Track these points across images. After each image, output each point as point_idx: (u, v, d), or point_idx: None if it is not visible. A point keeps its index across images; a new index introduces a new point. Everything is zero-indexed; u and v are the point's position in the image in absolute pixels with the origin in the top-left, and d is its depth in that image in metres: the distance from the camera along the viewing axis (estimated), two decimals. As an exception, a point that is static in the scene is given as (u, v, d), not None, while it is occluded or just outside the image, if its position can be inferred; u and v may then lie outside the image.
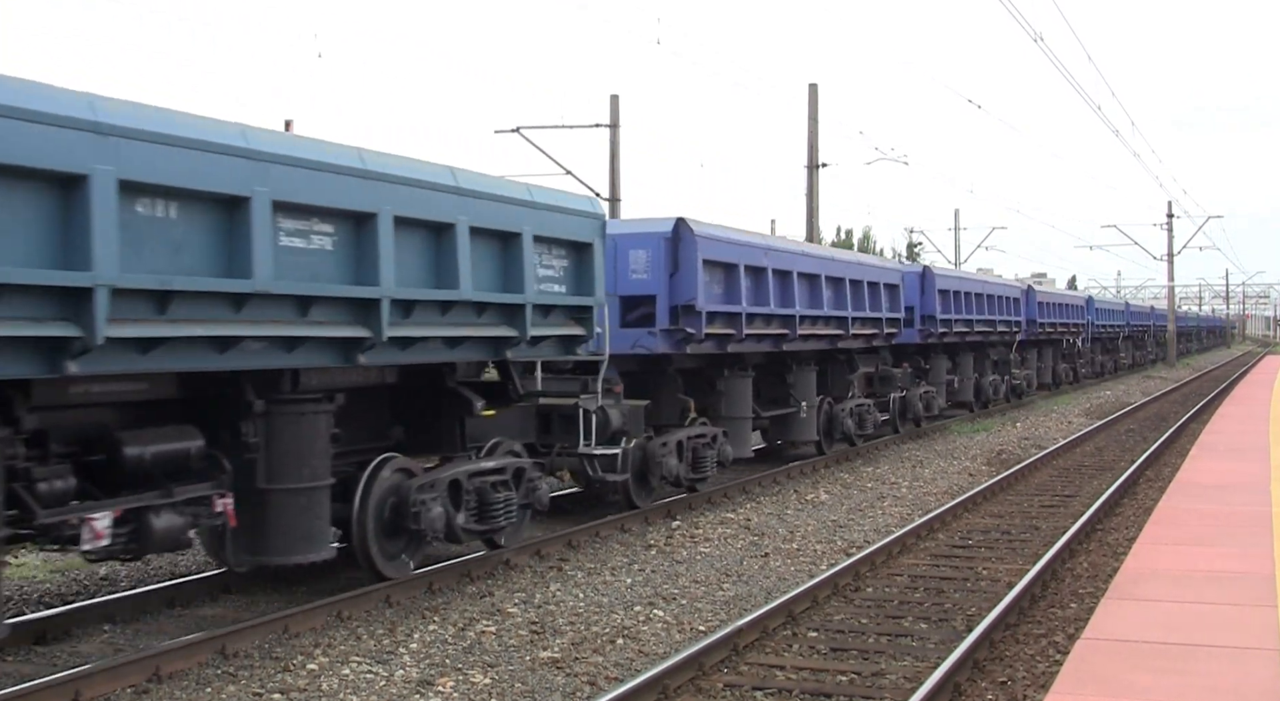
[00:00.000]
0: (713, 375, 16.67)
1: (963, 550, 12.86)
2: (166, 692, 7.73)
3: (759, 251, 16.46)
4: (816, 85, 31.66)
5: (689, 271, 14.53)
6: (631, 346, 14.38)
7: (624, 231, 14.79)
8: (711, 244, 15.03)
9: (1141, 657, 7.41)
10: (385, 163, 9.52)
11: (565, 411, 13.15)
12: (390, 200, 9.33)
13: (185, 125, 7.83)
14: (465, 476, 10.90)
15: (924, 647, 8.94)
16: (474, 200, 10.36)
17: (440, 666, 8.37)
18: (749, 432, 17.22)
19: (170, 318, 7.68)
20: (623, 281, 14.56)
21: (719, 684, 8.03)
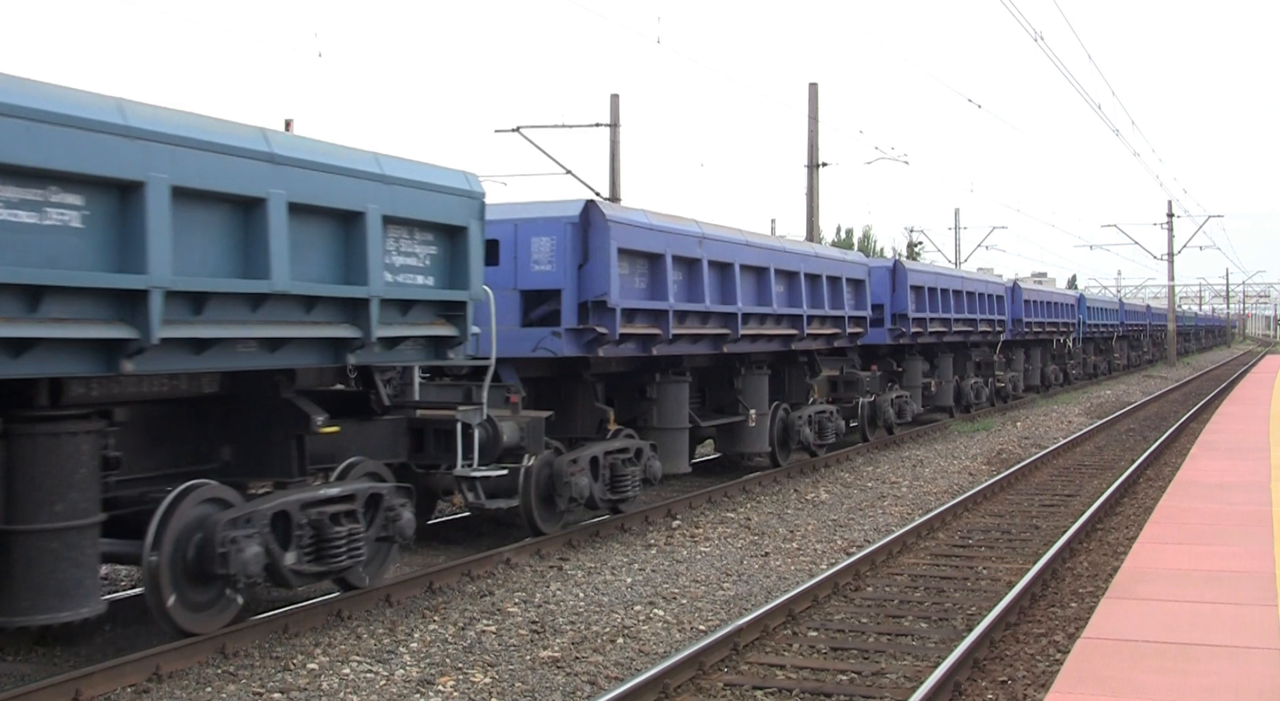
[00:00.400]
0: (643, 381, 15.02)
1: (963, 549, 12.86)
2: (167, 692, 7.73)
3: (690, 240, 14.65)
4: (816, 84, 31.67)
5: (601, 262, 12.66)
6: (533, 349, 12.56)
7: (525, 216, 12.89)
8: (628, 230, 13.18)
9: (1142, 657, 7.41)
10: (160, 119, 7.69)
11: (443, 426, 11.12)
12: (166, 166, 7.53)
13: None
14: (296, 507, 9.02)
15: (924, 647, 8.95)
16: (295, 170, 8.56)
17: (440, 665, 8.37)
18: (684, 445, 15.27)
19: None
20: (524, 274, 12.72)
21: (719, 683, 8.03)
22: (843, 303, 19.79)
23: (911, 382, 24.98)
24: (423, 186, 9.90)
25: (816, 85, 31.59)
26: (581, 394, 13.97)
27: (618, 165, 31.11)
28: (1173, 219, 66.52)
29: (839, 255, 20.61)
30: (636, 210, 13.79)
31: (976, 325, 28.34)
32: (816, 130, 31.69)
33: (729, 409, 17.34)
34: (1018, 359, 34.99)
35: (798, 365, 19.52)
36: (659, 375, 15.05)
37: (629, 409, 14.94)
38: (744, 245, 16.22)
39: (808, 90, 31.54)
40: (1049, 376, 39.45)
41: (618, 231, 12.87)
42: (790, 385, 19.39)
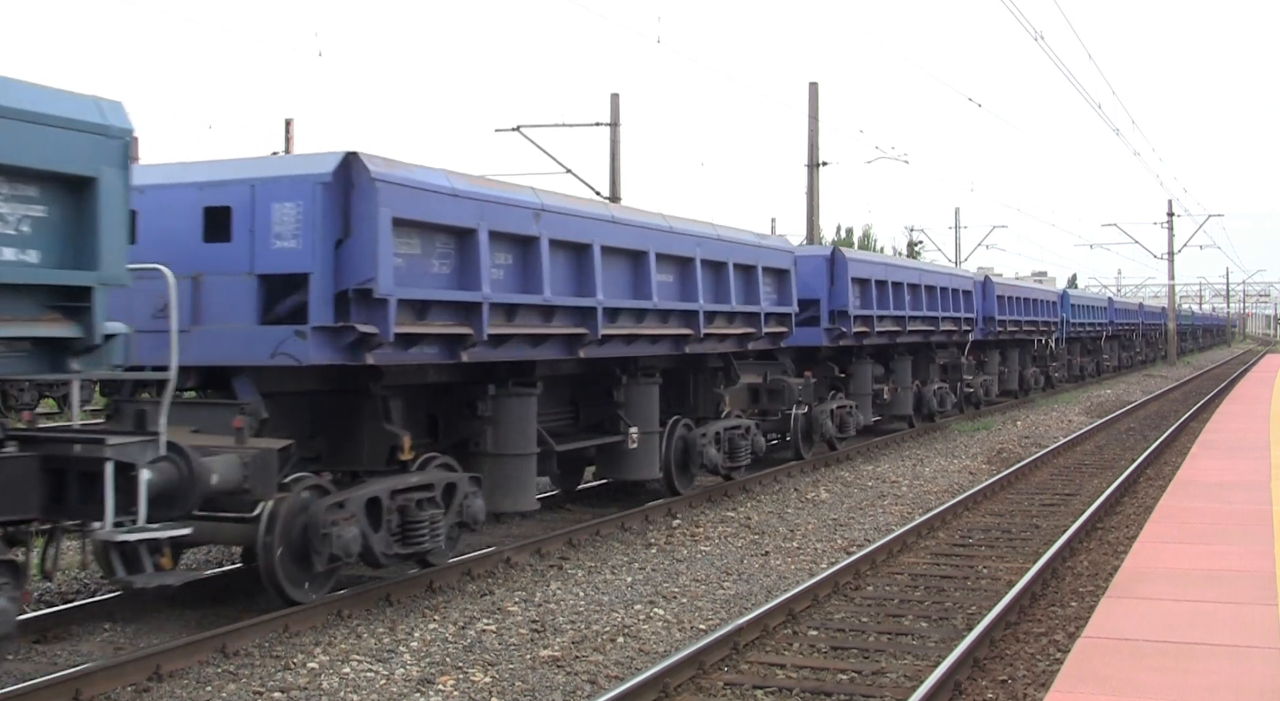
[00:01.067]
0: (473, 394, 11.70)
1: (963, 548, 12.86)
2: (167, 691, 7.74)
3: (521, 213, 11.15)
4: (817, 84, 31.67)
5: (365, 236, 9.30)
6: (271, 355, 9.24)
7: (264, 174, 9.48)
8: (412, 195, 9.76)
9: (1142, 656, 7.41)
10: None
11: (90, 467, 7.77)
12: None
13: None
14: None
15: (924, 646, 8.95)
16: None
17: (441, 665, 8.37)
18: (529, 475, 11.83)
19: None
20: (262, 253, 9.31)
21: (719, 682, 8.03)
22: (758, 297, 16.31)
23: (860, 390, 21.96)
24: (17, 116, 6.94)
25: (816, 84, 31.62)
26: (367, 413, 10.52)
27: (618, 164, 31.13)
28: (1173, 218, 66.58)
29: (752, 239, 16.67)
30: (433, 170, 10.27)
31: (939, 324, 25.16)
32: (817, 129, 31.70)
33: (606, 426, 14.06)
34: (991, 361, 32.01)
35: (706, 372, 16.33)
36: (494, 388, 11.68)
37: (457, 430, 11.78)
38: (607, 222, 12.71)
39: (808, 90, 31.57)
40: (1028, 380, 36.44)
41: (392, 195, 9.45)
42: (697, 396, 16.23)
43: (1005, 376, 33.72)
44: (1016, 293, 33.40)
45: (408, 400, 11.10)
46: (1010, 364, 34.27)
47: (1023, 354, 35.76)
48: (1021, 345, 35.47)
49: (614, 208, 13.60)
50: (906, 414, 24.85)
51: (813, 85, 31.59)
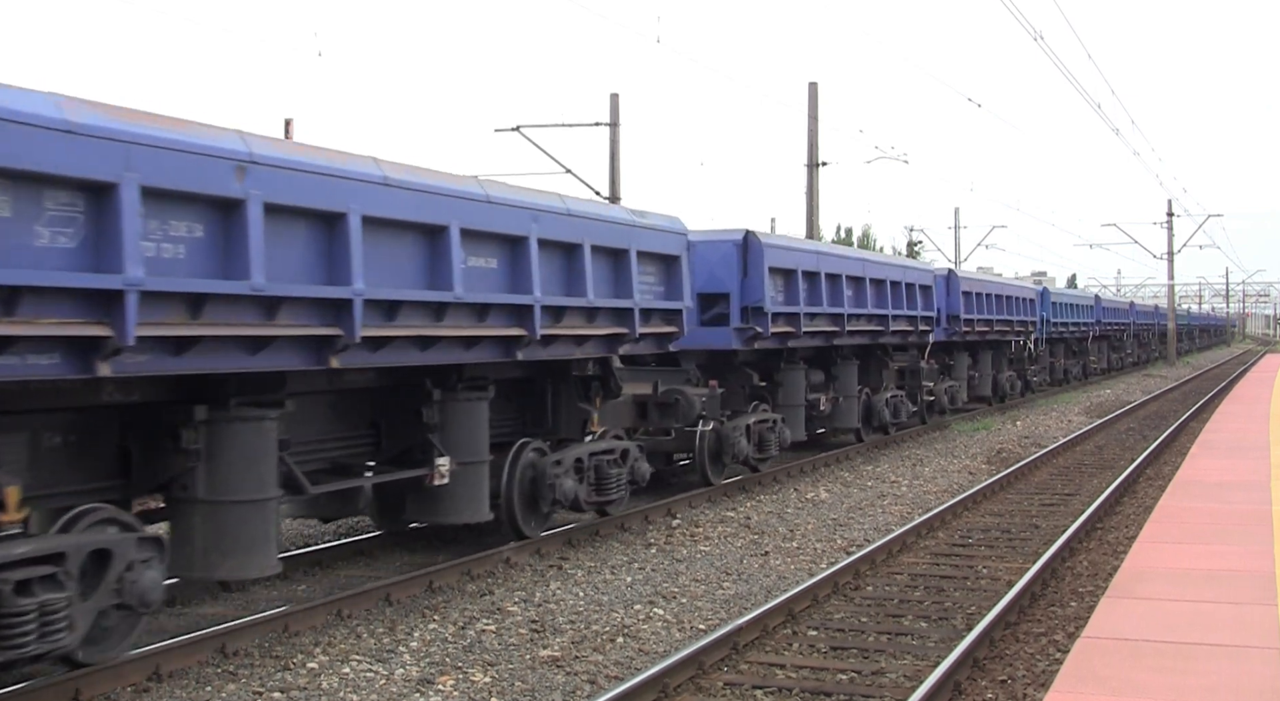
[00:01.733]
0: (174, 420, 8.42)
1: (963, 548, 12.86)
2: (166, 691, 7.74)
3: (214, 166, 7.81)
4: (816, 84, 31.67)
5: None
6: None
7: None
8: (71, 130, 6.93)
9: (1142, 656, 7.41)
10: None
11: None
12: None
13: None
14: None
15: (924, 646, 8.95)
16: None
17: (440, 665, 8.37)
18: (266, 525, 8.63)
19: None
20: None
21: (719, 682, 8.03)
22: (630, 289, 12.85)
23: (790, 400, 18.59)
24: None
25: (816, 84, 31.62)
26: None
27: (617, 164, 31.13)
28: (1172, 218, 66.60)
29: (623, 216, 13.30)
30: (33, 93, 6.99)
31: (889, 323, 21.75)
32: (816, 129, 31.70)
33: (410, 457, 11.03)
34: (960, 364, 28.86)
35: (567, 383, 13.24)
36: (210, 412, 8.50)
37: (152, 473, 8.60)
38: (376, 183, 9.23)
39: (807, 89, 31.57)
40: (1003, 384, 33.14)
41: None
42: (558, 413, 13.28)
43: (976, 381, 30.57)
44: (986, 289, 29.98)
45: None
46: (982, 367, 31.00)
47: (997, 356, 32.57)
48: (997, 348, 32.38)
49: (388, 166, 9.58)
50: (851, 426, 21.33)
51: (812, 85, 31.61)
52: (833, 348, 20.38)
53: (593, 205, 13.29)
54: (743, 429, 16.73)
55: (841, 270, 19.82)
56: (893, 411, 23.14)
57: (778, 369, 18.69)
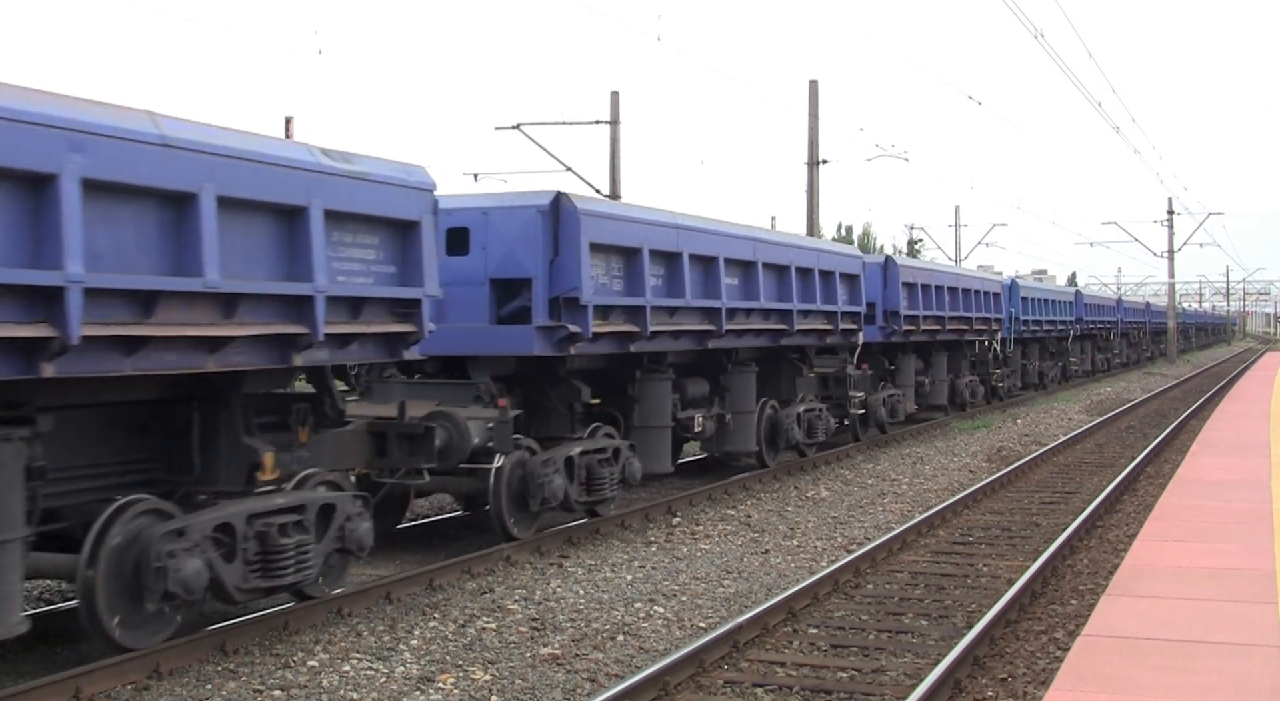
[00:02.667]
0: None
1: (963, 547, 12.86)
2: (167, 689, 7.74)
3: None
4: (817, 82, 31.65)
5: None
6: None
7: None
8: None
9: (1142, 654, 7.41)
10: None
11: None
12: None
13: None
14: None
15: (924, 644, 8.95)
16: None
17: (441, 663, 8.37)
18: None
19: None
20: None
21: (719, 680, 8.03)
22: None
23: (649, 421, 14.39)
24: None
25: (817, 82, 31.61)
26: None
27: (618, 162, 31.13)
28: (1173, 216, 66.59)
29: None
30: None
31: (796, 320, 17.39)
32: (817, 127, 31.69)
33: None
34: (905, 369, 24.65)
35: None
36: None
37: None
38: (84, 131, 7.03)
39: (808, 87, 31.56)
40: (960, 391, 28.85)
41: None
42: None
43: (928, 388, 26.20)
44: (935, 280, 25.77)
45: None
46: (935, 372, 26.74)
47: (955, 359, 28.45)
48: (953, 348, 28.19)
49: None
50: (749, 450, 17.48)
51: (813, 83, 31.59)
52: (721, 351, 16.18)
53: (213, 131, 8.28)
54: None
55: (718, 251, 15.12)
56: (807, 429, 18.52)
57: (633, 380, 14.45)
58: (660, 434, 14.48)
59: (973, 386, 29.75)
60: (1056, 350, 41.13)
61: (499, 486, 11.76)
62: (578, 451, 12.71)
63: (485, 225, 12.25)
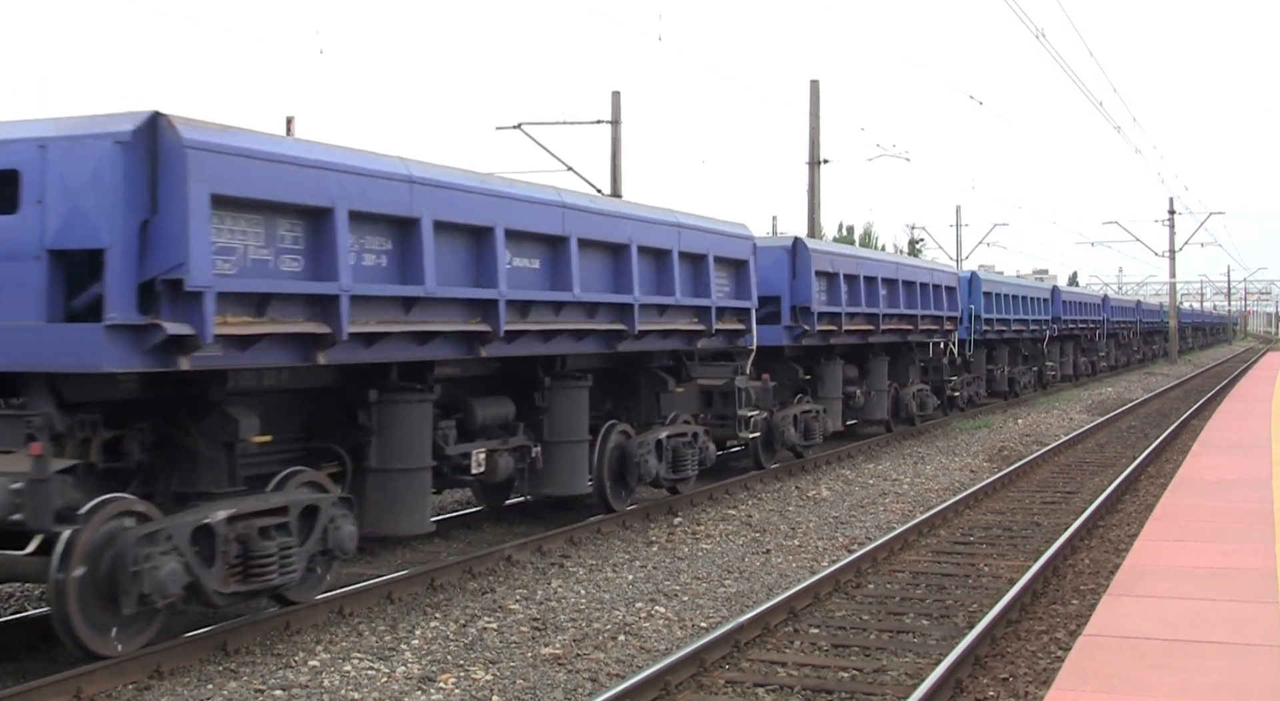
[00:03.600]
0: None
1: (964, 546, 12.86)
2: (168, 689, 7.73)
3: None
4: (818, 82, 31.65)
5: None
6: None
7: None
8: None
9: (1143, 654, 7.41)
10: None
11: None
12: None
13: None
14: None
15: (926, 644, 8.95)
16: None
17: (442, 663, 8.37)
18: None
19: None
20: None
21: (720, 680, 8.03)
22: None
23: (398, 461, 10.17)
24: None
25: (818, 82, 31.60)
26: None
27: (619, 162, 31.12)
28: (1174, 216, 66.55)
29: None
30: None
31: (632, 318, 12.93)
32: (818, 127, 31.69)
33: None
34: (829, 379, 20.25)
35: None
36: None
37: None
38: None
39: (809, 87, 31.55)
40: (908, 403, 24.42)
41: None
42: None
43: (862, 400, 22.08)
44: (863, 270, 20.83)
45: None
46: (874, 381, 22.52)
47: (900, 365, 24.43)
48: (897, 352, 24.15)
49: None
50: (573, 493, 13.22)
51: (814, 83, 31.59)
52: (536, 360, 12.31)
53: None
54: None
55: (495, 221, 10.64)
56: (672, 461, 14.37)
57: (365, 403, 10.19)
58: (411, 479, 10.28)
59: (922, 396, 25.24)
60: (1030, 353, 36.81)
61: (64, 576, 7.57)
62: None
63: (42, 168, 7.75)
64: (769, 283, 17.56)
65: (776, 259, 18.00)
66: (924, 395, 25.38)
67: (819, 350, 19.91)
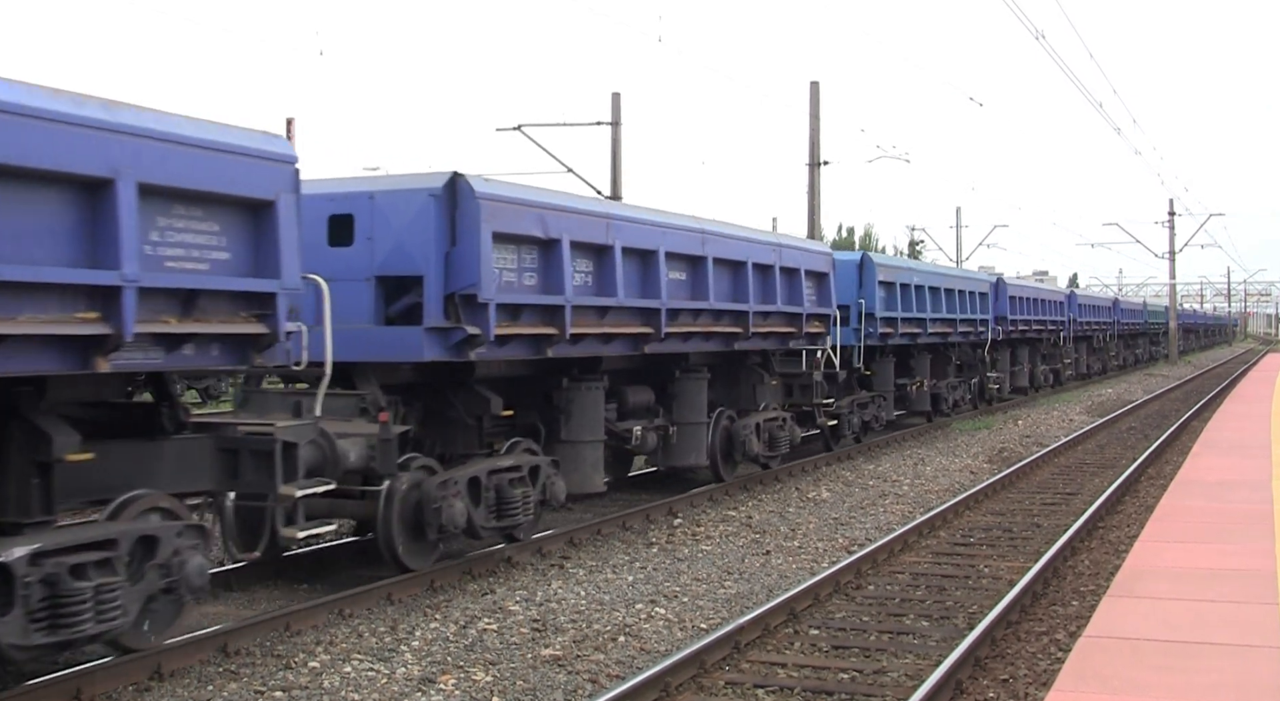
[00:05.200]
0: None
1: (964, 548, 12.86)
2: (168, 690, 7.74)
3: None
4: (818, 83, 31.65)
5: None
6: None
7: None
8: None
9: (1143, 655, 7.41)
10: None
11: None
12: None
13: None
14: None
15: (926, 645, 8.95)
16: None
17: (442, 664, 8.37)
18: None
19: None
20: None
21: (720, 681, 8.03)
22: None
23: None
24: None
25: (818, 83, 31.61)
26: None
27: (619, 163, 31.12)
28: (1174, 217, 66.54)
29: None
30: None
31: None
32: (818, 128, 31.69)
33: None
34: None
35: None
36: None
37: None
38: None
39: (809, 89, 31.55)
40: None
41: None
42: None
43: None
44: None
45: None
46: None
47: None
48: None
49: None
50: None
51: (814, 84, 31.59)
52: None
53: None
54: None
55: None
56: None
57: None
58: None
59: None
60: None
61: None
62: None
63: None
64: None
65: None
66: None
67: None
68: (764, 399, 17.46)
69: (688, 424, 15.33)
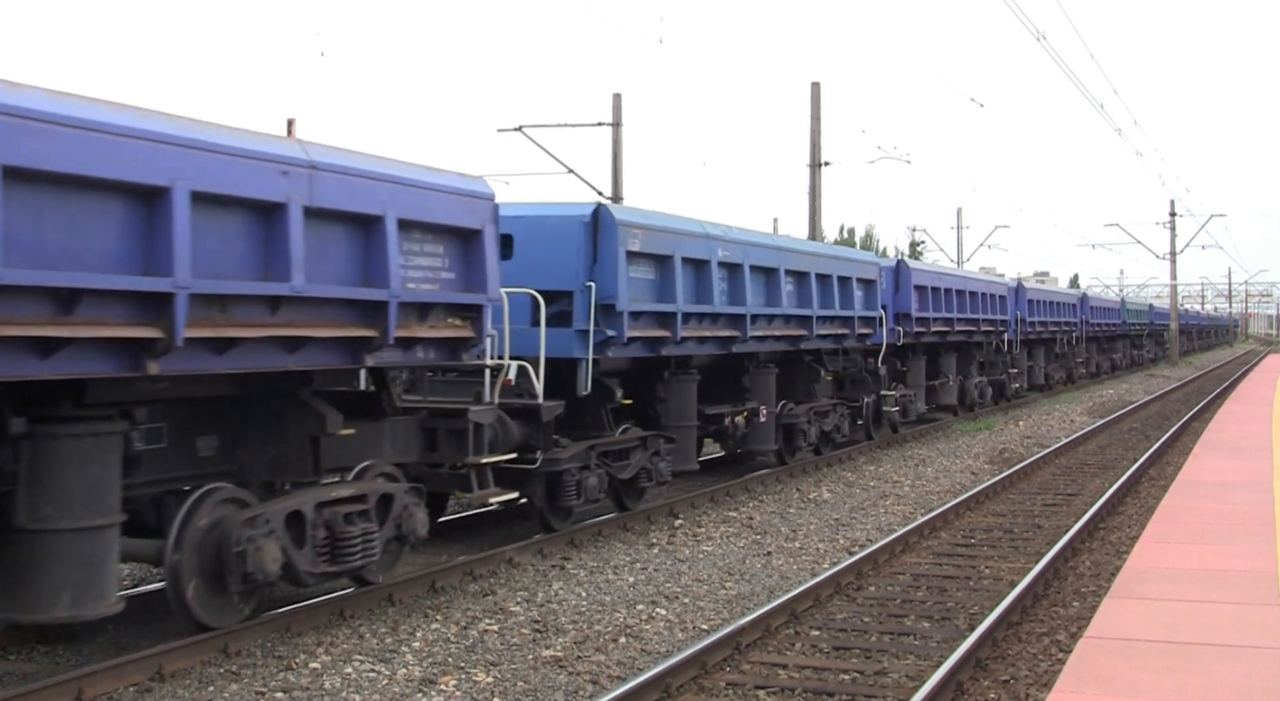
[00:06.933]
0: None
1: (965, 548, 12.86)
2: (169, 691, 7.74)
3: None
4: (819, 84, 31.65)
5: None
6: None
7: None
8: None
9: (1144, 656, 7.41)
10: None
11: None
12: None
13: None
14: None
15: (927, 646, 8.95)
16: None
17: (443, 665, 8.37)
18: None
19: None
20: None
21: (721, 682, 8.03)
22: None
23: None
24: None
25: (819, 84, 31.60)
26: None
27: (620, 164, 31.10)
28: (1175, 218, 66.49)
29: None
30: None
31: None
32: (819, 129, 31.67)
33: None
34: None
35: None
36: None
37: None
38: None
39: (810, 89, 31.54)
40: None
41: None
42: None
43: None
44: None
45: None
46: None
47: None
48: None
49: None
50: None
51: (815, 85, 31.58)
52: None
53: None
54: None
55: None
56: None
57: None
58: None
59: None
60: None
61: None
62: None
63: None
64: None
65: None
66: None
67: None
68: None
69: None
